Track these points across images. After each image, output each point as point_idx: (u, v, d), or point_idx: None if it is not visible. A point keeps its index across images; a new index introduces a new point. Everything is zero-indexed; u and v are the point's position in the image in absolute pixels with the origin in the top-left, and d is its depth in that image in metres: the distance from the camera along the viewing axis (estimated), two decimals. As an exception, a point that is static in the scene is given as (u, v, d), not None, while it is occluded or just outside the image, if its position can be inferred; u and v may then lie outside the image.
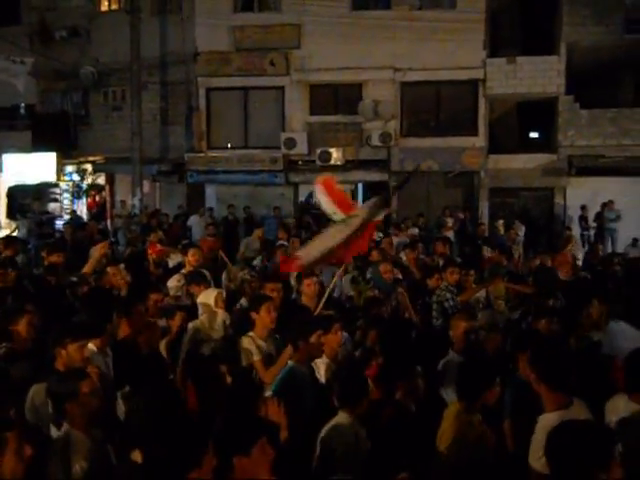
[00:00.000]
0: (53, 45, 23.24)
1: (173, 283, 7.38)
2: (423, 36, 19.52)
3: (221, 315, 6.33)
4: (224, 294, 6.64)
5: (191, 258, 8.21)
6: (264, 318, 5.54)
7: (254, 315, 5.60)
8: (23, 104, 24.33)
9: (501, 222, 17.75)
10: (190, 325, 6.10)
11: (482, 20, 19.52)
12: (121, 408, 4.66)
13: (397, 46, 19.69)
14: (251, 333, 5.59)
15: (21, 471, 3.09)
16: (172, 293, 7.13)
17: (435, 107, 20.69)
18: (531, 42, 19.54)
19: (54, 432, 3.96)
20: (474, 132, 20.14)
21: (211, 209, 20.33)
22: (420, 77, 20.07)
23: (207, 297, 6.40)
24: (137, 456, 3.41)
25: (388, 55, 19.85)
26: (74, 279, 7.28)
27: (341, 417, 4.09)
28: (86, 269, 7.82)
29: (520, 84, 19.65)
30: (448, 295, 7.55)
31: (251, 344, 5.44)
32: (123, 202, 22.24)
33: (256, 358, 5.31)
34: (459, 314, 5.90)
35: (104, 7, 23.30)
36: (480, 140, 20.09)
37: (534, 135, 21.76)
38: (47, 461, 3.63)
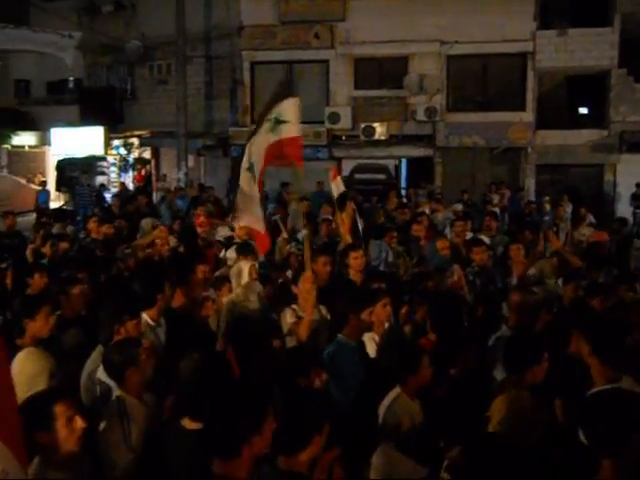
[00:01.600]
0: (100, 19, 23.50)
1: (231, 254, 7.45)
2: (471, 8, 19.08)
3: (256, 287, 6.30)
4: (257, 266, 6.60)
5: (239, 231, 8.28)
6: (302, 289, 5.54)
7: (295, 288, 5.61)
8: (72, 78, 24.65)
9: (547, 199, 17.39)
10: (226, 299, 6.09)
11: (533, -9, 19.04)
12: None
13: (444, 18, 19.31)
14: (294, 306, 5.61)
15: (74, 443, 3.12)
16: (230, 263, 7.19)
17: (482, 81, 20.32)
18: (583, 13, 18.92)
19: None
20: (522, 107, 19.74)
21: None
22: (467, 50, 19.68)
23: (241, 269, 6.38)
24: (187, 423, 3.45)
25: (434, 28, 19.50)
26: (127, 250, 7.40)
27: (395, 392, 4.08)
28: (142, 241, 7.95)
29: (571, 57, 19.15)
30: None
31: (293, 317, 5.46)
32: (164, 176, 22.50)
33: (291, 320, 5.35)
34: (514, 289, 5.81)
35: (150, -20, 23.39)
36: (528, 115, 19.69)
37: (584, 110, 21.18)
38: (100, 426, 3.68)
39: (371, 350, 4.99)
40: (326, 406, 3.14)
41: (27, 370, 4.14)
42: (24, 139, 27.11)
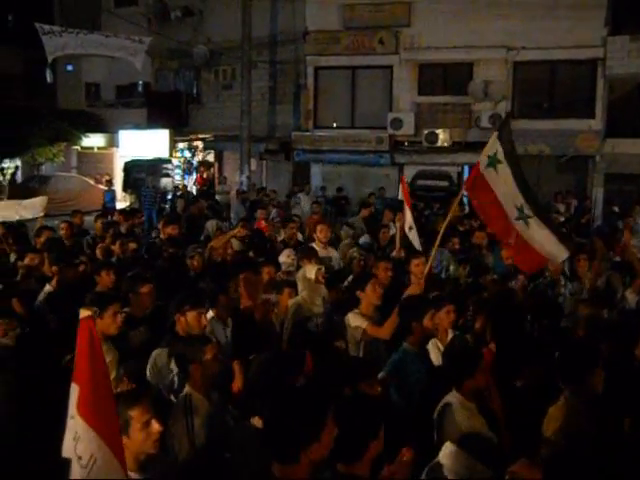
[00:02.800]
0: (168, 25, 24.03)
1: (284, 258, 7.47)
2: (539, 13, 18.69)
3: (322, 290, 6.30)
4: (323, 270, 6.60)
5: (320, 234, 8.21)
6: (370, 295, 5.52)
7: (359, 293, 5.60)
8: (140, 82, 25.29)
9: (616, 209, 16.86)
10: (291, 301, 6.12)
11: (604, -4, 18.54)
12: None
13: (511, 24, 18.97)
14: (356, 310, 5.60)
15: (150, 447, 3.11)
16: (284, 268, 7.22)
17: (549, 88, 19.88)
18: (658, 18, 18.35)
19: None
20: (590, 114, 19.21)
21: (323, 187, 20.49)
22: (534, 56, 19.29)
23: (308, 273, 6.39)
24: (257, 422, 3.47)
25: (501, 33, 19.19)
26: (197, 250, 7.52)
27: (452, 395, 4.02)
28: (217, 242, 8.10)
29: (644, 63, 18.55)
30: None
31: (357, 320, 5.45)
32: (225, 178, 22.80)
33: (365, 324, 5.34)
34: (584, 301, 5.66)
35: (218, -13, 23.84)
36: (597, 123, 19.15)
37: (657, 118, 20.48)
38: (168, 421, 3.74)
39: (434, 357, 4.94)
40: (381, 412, 3.11)
41: None
42: (93, 141, 27.97)
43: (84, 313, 2.58)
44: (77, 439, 2.51)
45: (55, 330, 5.49)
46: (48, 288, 6.37)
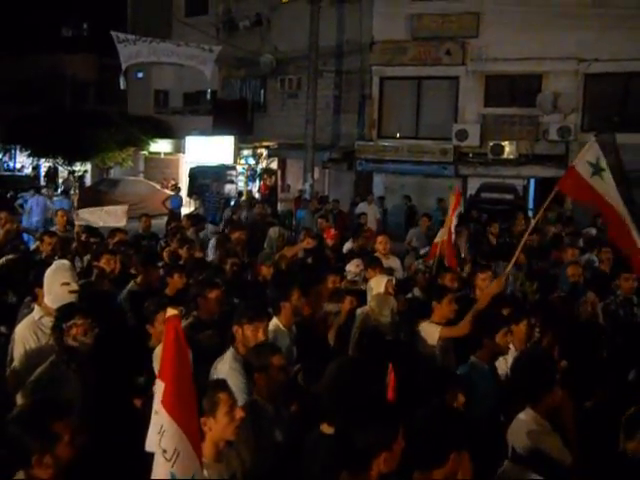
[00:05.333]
0: (236, 34, 24.48)
1: (352, 268, 7.48)
2: (612, 24, 18.21)
3: (391, 301, 6.29)
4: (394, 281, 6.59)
5: (379, 246, 8.31)
6: (445, 309, 5.52)
7: (435, 304, 5.57)
8: (208, 90, 25.81)
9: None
10: (359, 311, 6.09)
11: (681, 4, 17.99)
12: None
13: (582, 35, 18.58)
14: (429, 320, 5.59)
15: (231, 433, 3.25)
16: (349, 277, 7.24)
17: (621, 100, 19.37)
18: None
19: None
20: (663, 128, 18.63)
21: (382, 198, 20.44)
22: (607, 68, 18.85)
23: (378, 283, 6.38)
24: (326, 428, 3.48)
25: (572, 45, 18.82)
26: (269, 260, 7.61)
27: (526, 413, 3.94)
28: (287, 252, 8.20)
29: None
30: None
31: (431, 327, 5.46)
32: (288, 186, 22.99)
33: (440, 328, 5.41)
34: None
35: (286, -3, 24.17)
36: (671, 137, 18.54)
37: None
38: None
39: (503, 373, 4.87)
40: (465, 425, 3.07)
41: None
42: (160, 146, 28.68)
43: (170, 312, 2.69)
44: (162, 433, 2.61)
45: (133, 327, 5.65)
46: (132, 286, 6.53)
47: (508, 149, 19.50)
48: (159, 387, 2.67)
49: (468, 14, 20.08)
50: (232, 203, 20.84)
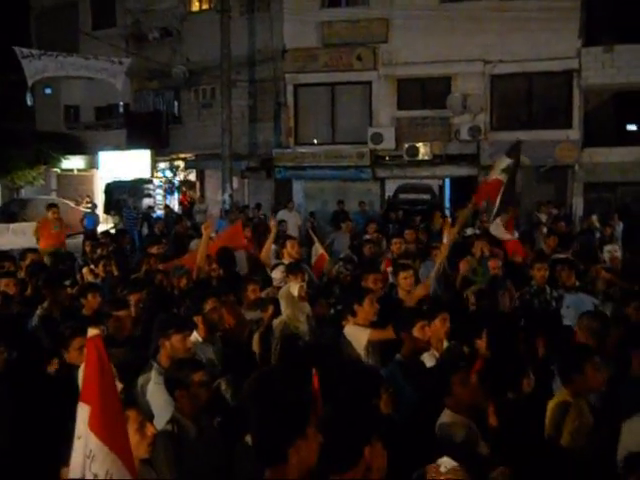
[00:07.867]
0: (146, 46, 24.08)
1: (277, 274, 7.44)
2: (514, 26, 18.95)
3: (305, 308, 6.25)
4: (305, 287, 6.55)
5: (290, 250, 8.29)
6: (367, 310, 5.50)
7: (357, 306, 5.56)
8: (120, 103, 25.27)
9: (595, 217, 16.96)
10: (277, 321, 6.01)
11: (577, 7, 18.86)
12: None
13: (487, 38, 19.26)
14: (352, 321, 5.56)
15: (144, 451, 3.13)
16: (275, 284, 7.18)
17: (527, 99, 20.16)
18: (630, 29, 18.62)
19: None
20: (568, 125, 19.50)
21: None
22: (511, 69, 19.60)
23: (292, 289, 6.34)
24: (250, 438, 3.43)
25: (478, 47, 19.47)
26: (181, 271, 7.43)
27: (446, 415, 4.00)
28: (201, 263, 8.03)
29: (618, 74, 18.85)
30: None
31: (357, 329, 5.43)
32: (201, 197, 22.72)
33: (368, 330, 5.35)
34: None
35: (195, 7, 23.97)
36: (574, 133, 19.42)
37: (632, 127, 20.76)
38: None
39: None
40: (375, 418, 3.07)
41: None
42: (73, 163, 27.85)
43: (92, 332, 2.59)
44: (92, 457, 2.51)
45: (49, 350, 5.43)
46: (40, 311, 6.29)
47: (423, 150, 19.93)
48: (83, 410, 2.55)
49: (377, 20, 20.43)
50: (154, 217, 20.42)
